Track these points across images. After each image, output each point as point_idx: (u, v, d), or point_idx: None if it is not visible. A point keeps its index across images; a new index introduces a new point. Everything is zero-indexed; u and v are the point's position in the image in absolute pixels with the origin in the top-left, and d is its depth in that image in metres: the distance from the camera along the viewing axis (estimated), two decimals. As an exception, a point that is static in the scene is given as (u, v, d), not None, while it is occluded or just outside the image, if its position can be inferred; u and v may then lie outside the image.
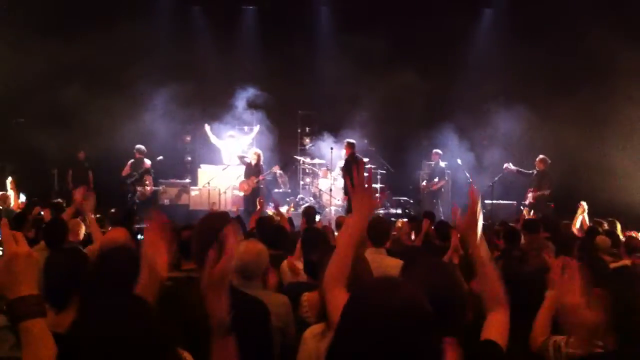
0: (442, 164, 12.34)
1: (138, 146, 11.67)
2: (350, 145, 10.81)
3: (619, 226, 6.99)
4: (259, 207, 7.80)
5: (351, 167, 10.57)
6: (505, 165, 10.95)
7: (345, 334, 1.36)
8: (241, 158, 12.02)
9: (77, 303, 2.21)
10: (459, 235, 4.29)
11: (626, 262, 4.50)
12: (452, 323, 1.80)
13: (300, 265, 4.15)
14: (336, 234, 6.15)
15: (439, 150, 12.32)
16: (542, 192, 10.23)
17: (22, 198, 9.44)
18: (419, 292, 1.38)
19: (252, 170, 11.28)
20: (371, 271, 2.80)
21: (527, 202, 10.49)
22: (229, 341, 1.70)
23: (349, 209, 10.61)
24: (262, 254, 3.06)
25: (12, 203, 8.51)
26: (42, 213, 7.02)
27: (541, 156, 10.57)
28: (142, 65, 11.76)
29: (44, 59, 10.85)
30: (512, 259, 4.00)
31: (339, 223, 6.77)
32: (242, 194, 11.54)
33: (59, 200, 8.29)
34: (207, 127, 12.44)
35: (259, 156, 11.38)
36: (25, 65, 10.81)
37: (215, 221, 2.25)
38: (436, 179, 12.12)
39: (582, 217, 7.44)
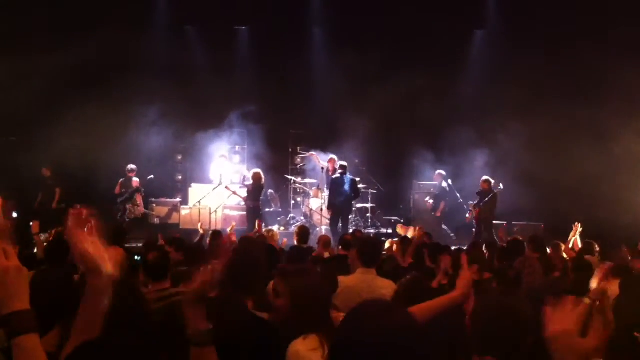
0: (444, 184, 12.31)
1: (129, 165, 11.63)
2: (340, 166, 11.10)
3: (596, 247, 6.89)
4: (257, 228, 7.86)
5: (333, 185, 10.71)
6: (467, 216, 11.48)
7: (341, 356, 1.34)
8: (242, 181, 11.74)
9: (62, 324, 2.16)
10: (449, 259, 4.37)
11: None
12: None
13: None
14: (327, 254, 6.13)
15: (442, 171, 12.30)
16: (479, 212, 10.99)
17: (15, 215, 9.35)
18: (412, 314, 1.37)
19: (253, 194, 11.06)
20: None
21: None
22: (208, 352, 1.67)
23: (331, 223, 10.89)
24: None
25: None
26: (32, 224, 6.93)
27: (485, 177, 11.21)
28: (134, 82, 11.75)
29: (33, 75, 10.80)
30: (507, 280, 3.99)
31: (324, 242, 6.72)
32: (232, 213, 11.49)
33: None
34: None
35: (258, 177, 11.13)
36: (14, 82, 10.77)
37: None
38: (442, 204, 12.10)
39: (574, 238, 7.44)
